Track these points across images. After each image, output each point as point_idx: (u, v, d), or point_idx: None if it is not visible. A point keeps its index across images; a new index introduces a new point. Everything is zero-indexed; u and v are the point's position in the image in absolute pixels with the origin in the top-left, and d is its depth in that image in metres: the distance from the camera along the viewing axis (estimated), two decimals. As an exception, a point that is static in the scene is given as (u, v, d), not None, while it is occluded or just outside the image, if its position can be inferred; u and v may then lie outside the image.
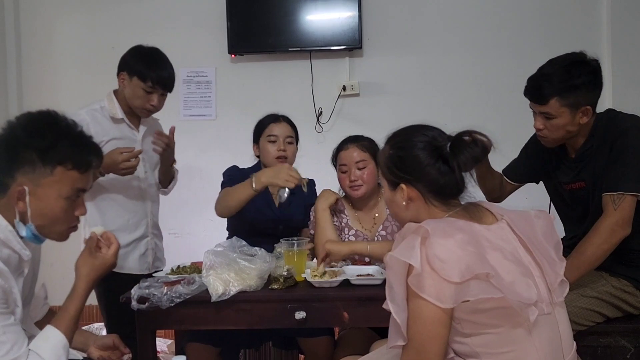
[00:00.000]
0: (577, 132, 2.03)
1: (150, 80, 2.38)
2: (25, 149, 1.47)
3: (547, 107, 1.97)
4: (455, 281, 1.26)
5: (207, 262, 1.96)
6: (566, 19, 3.59)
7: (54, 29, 3.85)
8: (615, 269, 2.01)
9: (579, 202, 2.09)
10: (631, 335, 1.99)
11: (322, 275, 2.02)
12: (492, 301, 1.27)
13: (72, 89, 3.77)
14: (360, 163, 2.36)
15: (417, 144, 1.45)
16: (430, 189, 1.44)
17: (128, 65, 2.44)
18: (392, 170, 1.48)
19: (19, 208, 1.48)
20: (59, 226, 1.54)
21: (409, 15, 3.68)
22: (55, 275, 3.72)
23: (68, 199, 1.51)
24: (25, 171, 1.47)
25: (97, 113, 2.46)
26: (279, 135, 2.47)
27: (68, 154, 1.49)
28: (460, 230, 1.33)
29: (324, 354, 2.30)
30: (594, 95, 1.99)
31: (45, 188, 1.48)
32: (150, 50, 2.48)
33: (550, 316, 1.36)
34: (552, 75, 1.97)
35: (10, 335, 1.42)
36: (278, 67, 3.75)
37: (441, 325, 1.29)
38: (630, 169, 1.93)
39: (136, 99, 2.43)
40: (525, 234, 1.40)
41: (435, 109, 3.55)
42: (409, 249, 1.30)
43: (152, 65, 2.41)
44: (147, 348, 1.97)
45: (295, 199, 2.49)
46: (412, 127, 1.52)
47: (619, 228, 1.91)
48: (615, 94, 3.45)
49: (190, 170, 3.64)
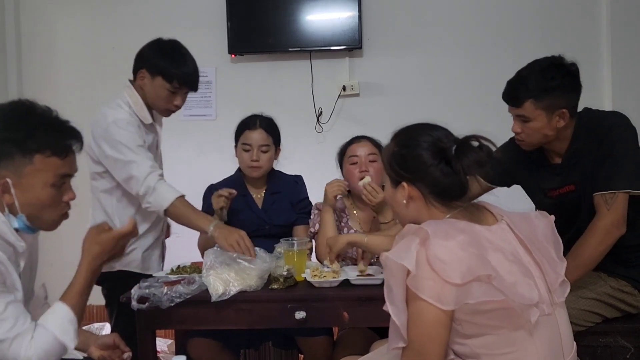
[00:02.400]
0: (556, 136, 2.00)
1: (176, 80, 2.21)
2: (2, 142, 1.48)
3: (522, 109, 1.96)
4: (457, 283, 1.25)
5: (207, 262, 1.97)
6: (566, 20, 3.58)
7: (55, 29, 3.86)
8: (613, 269, 2.00)
9: (569, 206, 2.04)
10: (631, 335, 1.98)
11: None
12: (494, 302, 1.27)
13: (72, 89, 3.77)
14: (371, 156, 2.38)
15: (422, 144, 1.43)
16: (431, 189, 1.42)
17: (149, 62, 2.24)
18: (395, 168, 1.47)
19: (5, 201, 1.49)
20: (49, 214, 1.55)
21: (409, 15, 3.68)
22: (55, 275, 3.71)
23: (54, 185, 1.52)
24: (5, 164, 1.48)
25: (132, 116, 2.26)
26: (252, 145, 2.42)
27: (45, 142, 1.50)
28: (461, 232, 1.32)
29: (323, 353, 2.30)
30: (570, 99, 1.97)
31: (28, 178, 1.49)
32: (172, 45, 2.28)
33: (551, 317, 1.36)
34: (527, 77, 1.96)
35: (12, 310, 1.43)
36: (278, 67, 3.75)
37: (441, 327, 1.28)
38: (620, 166, 1.91)
39: (159, 100, 2.26)
40: (525, 234, 1.40)
41: (435, 109, 3.55)
42: (404, 250, 1.29)
43: (177, 63, 2.23)
44: (147, 348, 1.97)
45: (280, 197, 2.49)
46: (419, 125, 1.50)
47: (614, 228, 1.90)
48: (615, 94, 3.44)
49: (190, 170, 3.64)
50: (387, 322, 1.34)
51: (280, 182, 2.54)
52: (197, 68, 2.29)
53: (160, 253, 2.50)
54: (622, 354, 1.98)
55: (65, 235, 3.53)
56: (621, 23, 3.52)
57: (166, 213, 2.19)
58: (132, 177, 2.17)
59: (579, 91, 1.99)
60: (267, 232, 2.43)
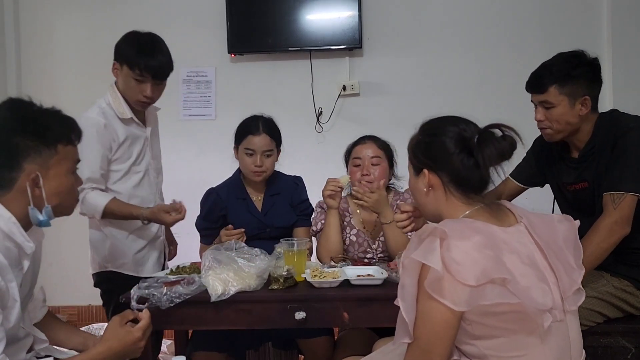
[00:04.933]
0: (579, 127, 2.04)
1: (137, 67, 2.22)
2: (23, 136, 1.48)
3: (546, 95, 2.02)
4: (471, 284, 1.23)
5: (206, 262, 1.96)
6: (566, 19, 3.58)
7: (54, 29, 3.85)
8: (616, 269, 2.01)
9: (583, 203, 2.09)
10: (632, 336, 1.98)
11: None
12: (507, 305, 1.25)
13: (72, 89, 3.76)
14: (375, 159, 2.37)
15: (447, 132, 1.43)
16: (451, 178, 1.42)
17: (119, 52, 2.29)
18: (417, 155, 1.48)
19: (34, 194, 1.50)
20: (70, 200, 1.62)
21: (409, 14, 3.68)
22: (54, 276, 3.72)
23: (73, 173, 1.60)
24: (33, 158, 1.49)
25: (108, 112, 2.31)
26: (256, 150, 2.39)
27: (61, 131, 1.55)
28: (477, 232, 1.30)
29: (323, 354, 2.30)
30: (593, 88, 2.03)
31: (55, 168, 1.53)
32: (143, 36, 2.30)
33: (562, 323, 1.34)
34: (552, 65, 2.04)
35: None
36: (278, 66, 3.74)
37: (450, 327, 1.27)
38: (631, 168, 1.94)
39: (128, 90, 2.28)
40: (544, 238, 1.38)
41: (435, 108, 3.46)
42: (430, 251, 1.28)
43: (142, 52, 2.23)
44: (147, 348, 1.96)
45: (279, 199, 2.48)
46: (447, 116, 1.51)
47: (618, 227, 1.91)
48: (616, 94, 3.44)
49: (189, 170, 3.64)
50: (387, 323, 1.34)
51: (279, 184, 2.53)
52: (166, 58, 2.29)
53: (159, 255, 2.50)
54: (622, 355, 1.98)
55: (65, 236, 3.54)
56: (621, 23, 3.52)
57: (104, 216, 2.27)
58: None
59: (600, 83, 2.06)
60: (267, 234, 2.42)
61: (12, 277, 1.47)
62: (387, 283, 1.95)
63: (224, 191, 2.46)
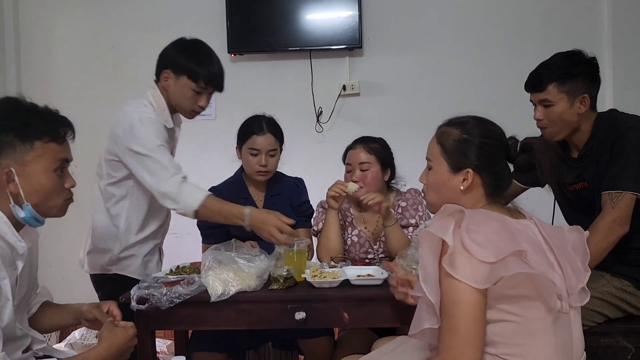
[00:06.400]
0: (578, 126, 2.05)
1: (202, 79, 2.17)
2: (1, 132, 1.50)
3: (546, 93, 2.03)
4: (491, 261, 1.27)
5: (205, 263, 1.96)
6: (566, 19, 3.58)
7: (53, 29, 3.85)
8: (616, 269, 2.01)
9: (583, 203, 2.09)
10: (632, 336, 1.98)
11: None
12: (522, 287, 1.29)
13: (72, 89, 3.76)
14: (364, 165, 2.37)
15: (496, 135, 1.51)
16: (490, 180, 1.47)
17: (173, 61, 2.20)
18: (467, 154, 1.48)
19: (10, 190, 1.51)
20: (55, 200, 1.58)
21: (409, 14, 3.68)
22: (54, 276, 3.72)
23: (56, 171, 1.56)
24: (7, 153, 1.50)
25: (157, 116, 2.21)
26: (261, 150, 2.38)
27: (43, 128, 1.54)
28: (494, 219, 1.36)
29: (323, 354, 2.30)
30: (592, 86, 2.04)
31: (31, 165, 1.52)
32: (197, 44, 2.24)
33: (567, 316, 1.38)
34: (552, 64, 2.06)
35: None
36: (278, 66, 3.74)
37: (479, 309, 1.29)
38: (630, 168, 1.94)
39: (184, 100, 2.21)
40: (553, 240, 1.43)
41: (435, 108, 3.53)
42: (444, 227, 1.33)
43: (202, 62, 2.19)
44: (146, 348, 1.96)
45: (279, 200, 2.48)
46: (482, 118, 1.57)
47: (617, 226, 1.92)
48: (616, 94, 3.44)
49: (189, 170, 3.61)
50: (387, 323, 1.35)
51: (280, 184, 2.52)
52: (222, 68, 2.26)
53: (158, 259, 2.49)
54: (622, 355, 1.98)
55: (64, 236, 3.53)
56: (621, 23, 3.52)
57: (196, 214, 2.11)
58: (154, 174, 2.11)
59: (598, 82, 2.07)
60: None
61: (4, 275, 1.47)
62: (387, 283, 1.95)
63: (226, 190, 2.46)
